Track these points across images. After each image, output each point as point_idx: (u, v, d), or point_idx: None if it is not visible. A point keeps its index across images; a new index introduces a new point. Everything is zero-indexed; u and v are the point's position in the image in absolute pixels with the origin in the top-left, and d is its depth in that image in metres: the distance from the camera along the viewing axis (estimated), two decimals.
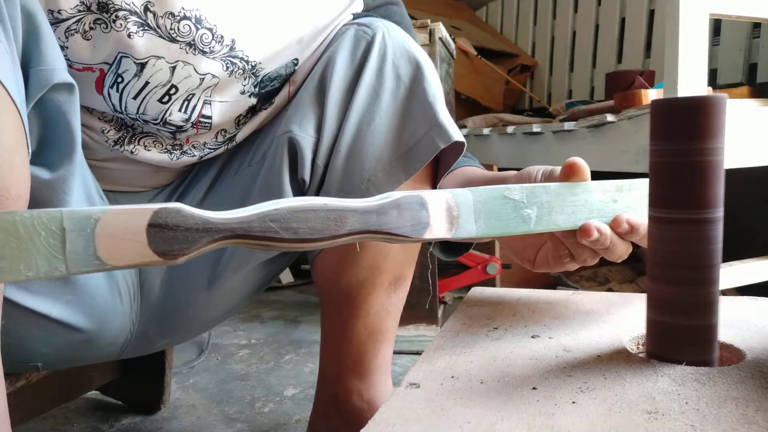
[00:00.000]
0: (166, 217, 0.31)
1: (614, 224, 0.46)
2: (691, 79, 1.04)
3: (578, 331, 0.46)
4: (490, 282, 1.51)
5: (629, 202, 0.48)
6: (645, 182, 0.47)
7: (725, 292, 1.32)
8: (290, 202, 0.35)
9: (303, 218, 0.35)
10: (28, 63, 0.45)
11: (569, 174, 0.47)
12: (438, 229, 0.40)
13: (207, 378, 1.12)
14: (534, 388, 0.35)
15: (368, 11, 0.71)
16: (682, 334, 0.38)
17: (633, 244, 0.49)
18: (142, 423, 0.94)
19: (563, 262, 0.50)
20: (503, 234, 0.44)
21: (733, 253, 0.86)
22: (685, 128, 0.37)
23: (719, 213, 0.37)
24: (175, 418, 0.95)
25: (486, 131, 1.89)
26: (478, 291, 0.59)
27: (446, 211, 0.40)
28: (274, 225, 0.34)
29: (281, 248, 0.35)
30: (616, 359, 0.39)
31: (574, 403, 0.33)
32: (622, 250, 0.48)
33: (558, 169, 0.50)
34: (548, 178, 0.51)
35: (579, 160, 0.47)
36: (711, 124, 0.36)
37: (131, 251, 0.30)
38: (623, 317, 0.49)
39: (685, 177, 0.37)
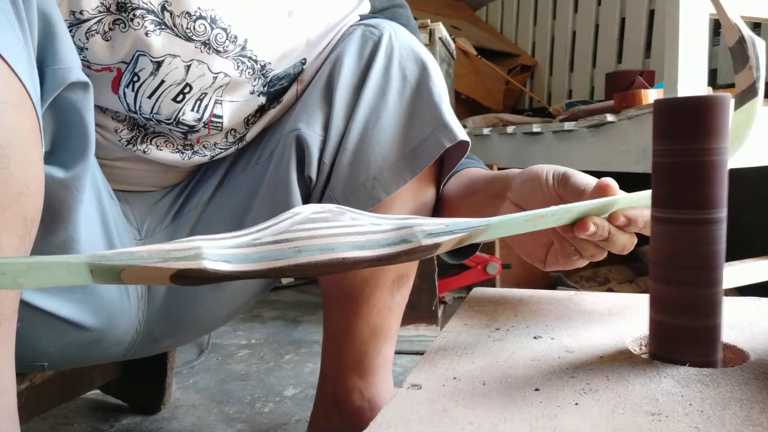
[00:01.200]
0: (187, 273, 0.32)
1: (611, 219, 0.46)
2: (691, 79, 1.04)
3: (580, 331, 0.45)
4: (490, 282, 1.51)
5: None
6: None
7: (725, 293, 1.32)
8: (312, 257, 0.34)
9: (318, 269, 0.35)
10: (44, 62, 0.45)
11: (601, 196, 0.46)
12: (439, 252, 0.39)
13: (207, 378, 1.12)
14: (536, 390, 0.35)
15: (375, 13, 0.71)
16: (685, 334, 0.38)
17: (639, 236, 0.49)
18: (142, 423, 0.93)
19: (572, 259, 0.50)
20: (498, 237, 0.43)
21: (733, 253, 0.86)
22: (688, 128, 0.36)
23: (722, 213, 0.37)
24: (175, 418, 0.95)
25: (486, 131, 1.88)
26: (479, 291, 0.59)
27: (455, 244, 0.39)
28: (289, 273, 0.34)
29: None
30: (619, 360, 0.39)
31: (576, 404, 0.33)
32: (623, 241, 0.48)
33: (572, 174, 0.50)
34: (561, 182, 0.51)
35: (612, 184, 0.46)
36: (714, 123, 0.36)
37: (154, 283, 0.33)
38: (625, 318, 0.49)
39: (687, 177, 0.37)
